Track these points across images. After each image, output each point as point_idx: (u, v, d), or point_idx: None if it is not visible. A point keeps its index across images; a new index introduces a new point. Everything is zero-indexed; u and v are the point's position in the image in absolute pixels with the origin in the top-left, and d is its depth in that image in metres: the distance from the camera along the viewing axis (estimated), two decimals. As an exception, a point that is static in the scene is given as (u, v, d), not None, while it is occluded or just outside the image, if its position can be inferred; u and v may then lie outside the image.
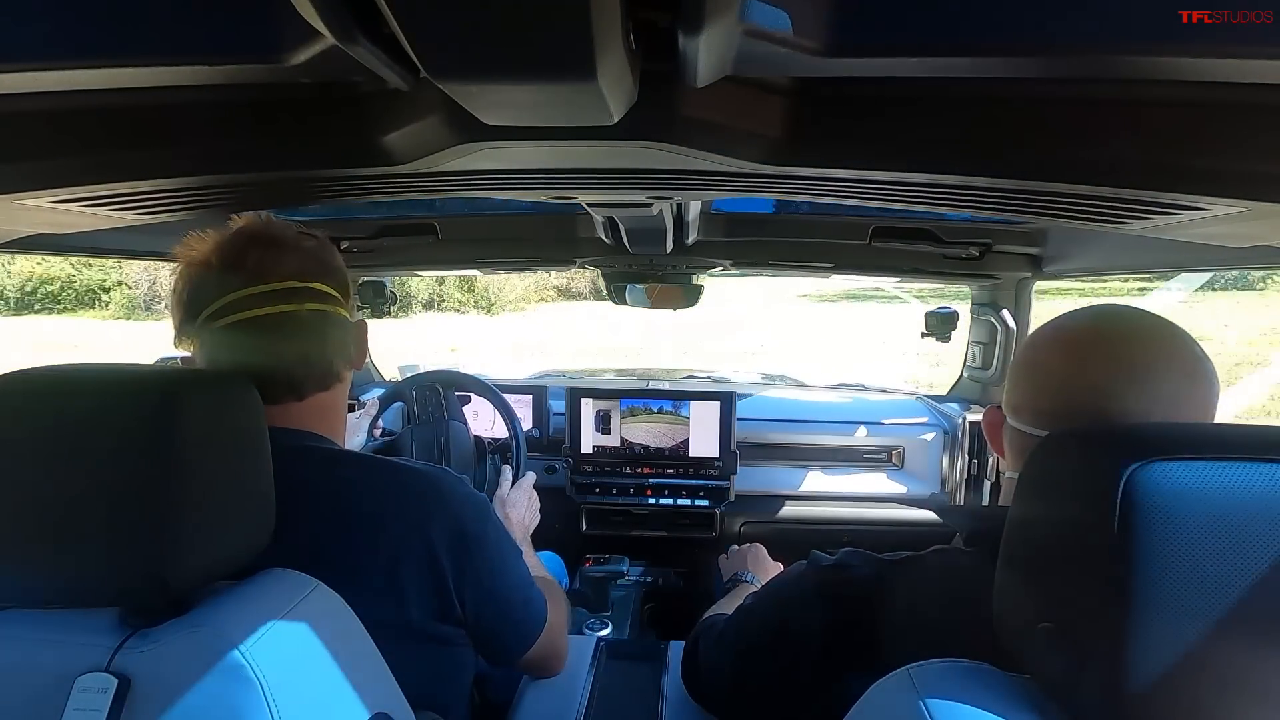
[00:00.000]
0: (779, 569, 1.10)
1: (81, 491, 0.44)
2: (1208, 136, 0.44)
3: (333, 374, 0.68)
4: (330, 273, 0.67)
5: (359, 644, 0.53)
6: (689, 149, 0.52)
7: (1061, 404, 0.51)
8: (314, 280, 0.65)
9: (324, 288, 0.66)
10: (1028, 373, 0.55)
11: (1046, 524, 0.39)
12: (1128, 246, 1.03)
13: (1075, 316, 0.55)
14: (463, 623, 0.66)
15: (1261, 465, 0.34)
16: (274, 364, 0.62)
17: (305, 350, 0.65)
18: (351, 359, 0.70)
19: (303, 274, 0.64)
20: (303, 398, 0.66)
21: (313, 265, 0.66)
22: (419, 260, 1.53)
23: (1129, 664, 0.34)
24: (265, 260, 0.63)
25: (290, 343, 0.64)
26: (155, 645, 0.44)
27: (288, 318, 0.63)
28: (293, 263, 0.64)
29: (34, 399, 0.45)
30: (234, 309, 0.62)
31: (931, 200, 0.61)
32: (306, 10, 0.34)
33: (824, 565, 0.58)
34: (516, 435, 1.36)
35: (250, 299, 0.62)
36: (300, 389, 0.65)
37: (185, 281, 0.64)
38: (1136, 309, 0.55)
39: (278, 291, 0.62)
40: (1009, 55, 0.38)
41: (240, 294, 0.62)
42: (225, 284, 0.62)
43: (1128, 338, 0.51)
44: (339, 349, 0.68)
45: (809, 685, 0.55)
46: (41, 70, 0.41)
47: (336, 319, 0.67)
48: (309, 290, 0.64)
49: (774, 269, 1.53)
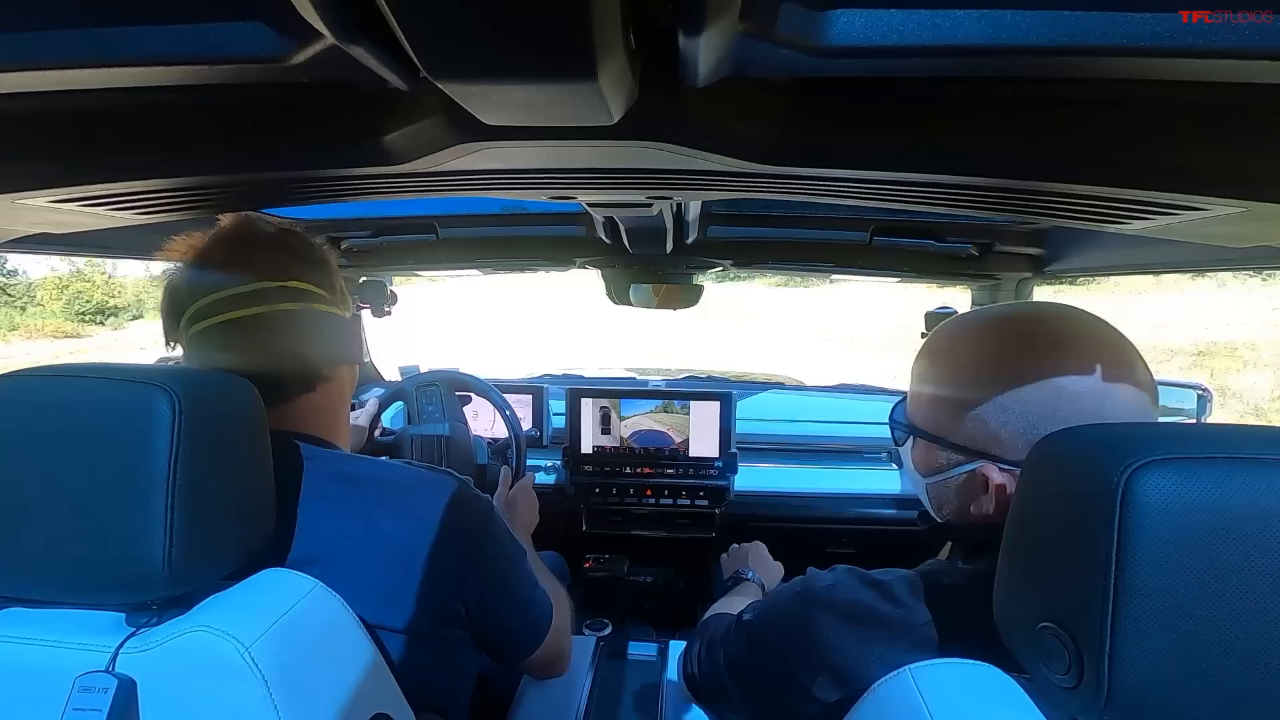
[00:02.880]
0: (779, 568, 1.10)
1: (82, 491, 0.44)
2: (1208, 136, 0.44)
3: (313, 374, 0.66)
4: (311, 268, 0.66)
5: (359, 644, 0.53)
6: (689, 149, 0.52)
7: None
8: (290, 278, 0.64)
9: (302, 285, 0.64)
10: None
11: (1046, 524, 0.40)
12: (1128, 246, 1.03)
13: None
14: (465, 624, 0.66)
15: (1261, 465, 0.34)
16: (249, 368, 0.61)
17: (279, 352, 0.63)
18: (341, 356, 0.69)
19: (276, 272, 0.63)
20: (286, 400, 0.65)
21: (291, 262, 0.65)
22: (419, 260, 1.52)
23: (1129, 664, 0.34)
24: (236, 261, 0.62)
25: (262, 345, 0.62)
26: (156, 645, 0.44)
27: (258, 320, 0.62)
28: (265, 262, 0.63)
29: (34, 399, 0.46)
30: (206, 313, 0.61)
31: (931, 200, 0.61)
32: (306, 10, 0.34)
33: (822, 587, 0.58)
34: (516, 435, 1.36)
35: (220, 302, 0.61)
36: (281, 391, 0.64)
37: (167, 284, 0.64)
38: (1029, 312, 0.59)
39: (245, 294, 0.61)
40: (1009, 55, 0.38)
41: (211, 298, 0.61)
42: (197, 288, 0.62)
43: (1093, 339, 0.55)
44: (320, 348, 0.66)
45: (809, 702, 0.55)
46: (41, 70, 0.41)
47: (316, 316, 0.65)
48: (281, 290, 0.63)
49: (774, 269, 1.53)
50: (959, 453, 0.58)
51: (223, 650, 0.43)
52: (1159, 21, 0.34)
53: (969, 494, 0.59)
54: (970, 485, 0.58)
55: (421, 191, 0.70)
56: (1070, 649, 0.36)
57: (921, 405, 0.63)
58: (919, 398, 0.63)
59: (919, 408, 0.63)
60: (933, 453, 0.61)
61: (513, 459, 1.35)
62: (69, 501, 0.44)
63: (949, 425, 0.59)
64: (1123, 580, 0.33)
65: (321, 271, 0.67)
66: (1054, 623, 0.37)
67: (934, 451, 0.61)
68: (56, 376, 0.47)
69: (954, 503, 0.61)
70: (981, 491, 0.57)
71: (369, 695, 0.52)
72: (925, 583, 0.54)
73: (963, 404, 0.57)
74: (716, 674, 0.71)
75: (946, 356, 0.61)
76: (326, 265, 0.68)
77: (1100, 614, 0.34)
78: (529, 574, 0.74)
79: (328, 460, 0.65)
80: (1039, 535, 0.40)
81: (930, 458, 0.62)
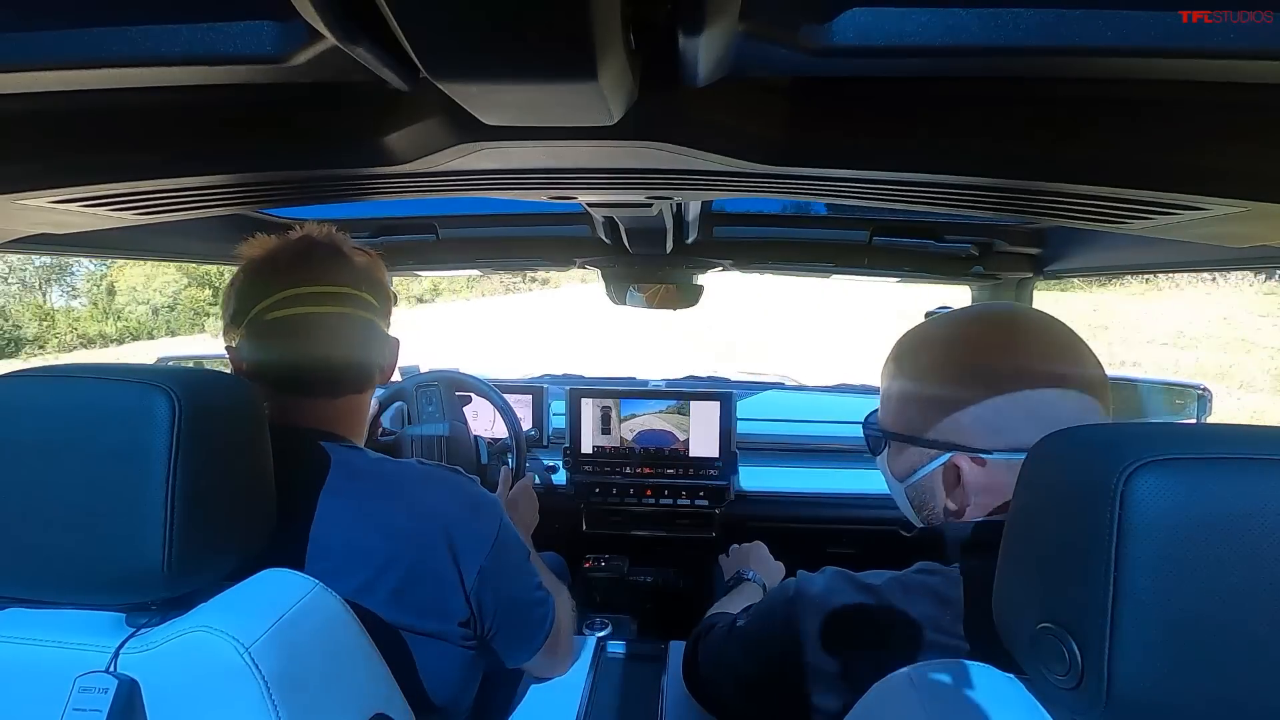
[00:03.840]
0: (780, 568, 1.10)
1: (81, 491, 0.44)
2: (1208, 136, 0.44)
3: (368, 378, 0.72)
4: (377, 288, 0.72)
5: (359, 644, 0.53)
6: (689, 149, 0.52)
7: None
8: (364, 291, 0.69)
9: (371, 299, 0.70)
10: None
11: (1046, 524, 0.39)
12: (1128, 246, 1.03)
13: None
14: (468, 623, 0.67)
15: (1261, 465, 0.34)
16: (317, 361, 0.66)
17: (349, 352, 0.68)
18: (386, 366, 0.74)
19: (356, 283, 0.69)
20: (337, 396, 0.69)
21: (364, 278, 0.70)
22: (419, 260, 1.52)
23: (1129, 665, 0.34)
24: (327, 264, 0.68)
25: (336, 343, 0.67)
26: (156, 645, 0.44)
27: (338, 319, 0.67)
28: (348, 272, 0.69)
29: (34, 399, 0.45)
30: (289, 304, 0.65)
31: (931, 200, 0.61)
32: (307, 11, 0.33)
33: (814, 592, 0.58)
34: (516, 435, 1.36)
35: (307, 296, 0.66)
36: (337, 388, 0.69)
37: (245, 275, 0.68)
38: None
39: (333, 294, 0.67)
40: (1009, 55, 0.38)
41: (298, 290, 0.66)
42: (284, 280, 0.66)
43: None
44: (376, 356, 0.72)
45: (805, 707, 0.56)
46: (41, 70, 0.41)
47: (378, 330, 0.71)
48: (360, 299, 0.69)
49: (774, 269, 1.53)
50: (929, 448, 0.61)
51: (222, 650, 0.43)
52: (1159, 21, 0.34)
53: (943, 488, 0.61)
54: (943, 480, 0.61)
55: (422, 191, 0.70)
56: (1071, 650, 0.36)
57: (891, 408, 0.66)
58: (889, 401, 0.66)
59: (889, 411, 0.66)
60: (906, 454, 0.64)
61: (513, 459, 1.35)
62: (69, 501, 0.44)
63: (918, 423, 0.62)
64: (1123, 581, 0.33)
65: (385, 294, 0.73)
66: (1054, 623, 0.37)
67: (907, 452, 0.64)
68: (56, 377, 0.47)
69: (931, 502, 0.63)
70: (954, 485, 0.60)
71: (369, 695, 0.52)
72: (915, 584, 0.55)
73: (928, 400, 0.60)
74: (715, 677, 0.71)
75: (911, 358, 0.64)
76: (383, 285, 0.74)
77: (1101, 615, 0.34)
78: (533, 575, 0.74)
79: (347, 457, 0.66)
80: (1039, 536, 0.40)
81: (904, 460, 0.65)
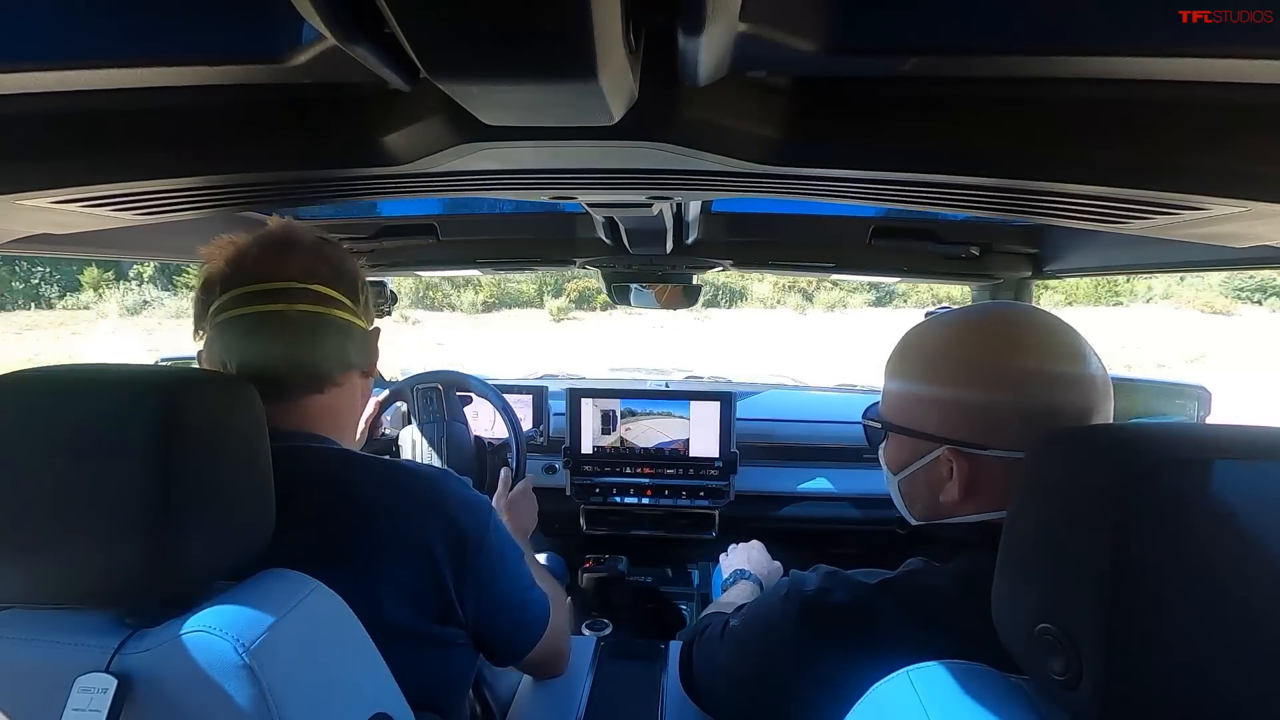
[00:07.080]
0: (778, 567, 1.10)
1: (81, 492, 0.44)
2: (1208, 136, 0.44)
3: (323, 377, 0.67)
4: (338, 277, 0.68)
5: (359, 644, 0.53)
6: (689, 149, 0.52)
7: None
8: (317, 283, 0.66)
9: (326, 290, 0.66)
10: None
11: (1046, 525, 0.39)
12: (1128, 246, 1.03)
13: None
14: (463, 624, 0.66)
15: (1260, 465, 0.34)
16: (260, 362, 0.63)
17: (291, 351, 0.65)
18: (354, 364, 0.70)
19: (305, 276, 0.65)
20: (291, 399, 0.66)
21: (321, 269, 0.67)
22: (419, 260, 1.52)
23: (1128, 666, 0.34)
24: (267, 261, 0.65)
25: (275, 342, 0.64)
26: (155, 646, 0.44)
27: (275, 317, 0.64)
28: (296, 265, 0.65)
29: (33, 399, 0.45)
30: (230, 306, 0.63)
31: (931, 200, 0.61)
32: (307, 11, 0.33)
33: (805, 592, 0.59)
34: (516, 436, 1.36)
35: (244, 297, 0.63)
36: (285, 390, 0.65)
37: (202, 278, 0.66)
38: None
39: (269, 291, 0.64)
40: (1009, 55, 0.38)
41: (236, 292, 0.64)
42: (229, 282, 0.64)
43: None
44: (333, 352, 0.67)
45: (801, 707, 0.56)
46: (41, 70, 0.41)
47: (335, 322, 0.67)
48: (306, 292, 0.65)
49: (774, 269, 1.53)
50: (925, 440, 0.61)
51: (222, 650, 0.43)
52: (1159, 21, 0.34)
53: (936, 483, 0.61)
54: (936, 473, 0.61)
55: (421, 191, 0.70)
56: (1069, 651, 0.36)
57: (891, 401, 0.66)
58: (889, 394, 0.67)
59: (889, 404, 0.67)
60: (902, 446, 0.64)
61: (513, 459, 1.35)
62: (67, 501, 0.44)
63: (915, 415, 0.62)
64: (1122, 581, 0.33)
65: (349, 283, 0.70)
66: (1053, 624, 0.37)
67: (903, 444, 0.64)
68: (54, 377, 0.47)
69: (924, 496, 0.64)
70: (947, 478, 0.60)
71: (369, 695, 0.52)
72: (907, 583, 0.55)
73: (926, 395, 0.61)
74: (710, 677, 0.71)
75: (912, 353, 0.65)
76: (356, 279, 0.71)
77: (1100, 615, 0.34)
78: (526, 575, 0.74)
79: (329, 459, 0.65)
80: (1038, 536, 0.40)
81: (900, 452, 0.65)
